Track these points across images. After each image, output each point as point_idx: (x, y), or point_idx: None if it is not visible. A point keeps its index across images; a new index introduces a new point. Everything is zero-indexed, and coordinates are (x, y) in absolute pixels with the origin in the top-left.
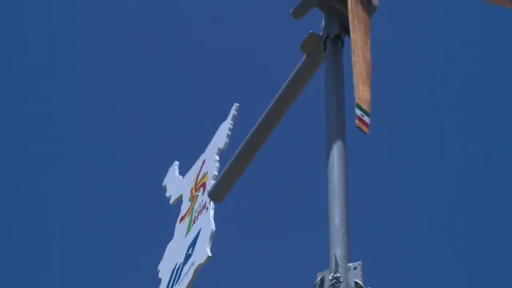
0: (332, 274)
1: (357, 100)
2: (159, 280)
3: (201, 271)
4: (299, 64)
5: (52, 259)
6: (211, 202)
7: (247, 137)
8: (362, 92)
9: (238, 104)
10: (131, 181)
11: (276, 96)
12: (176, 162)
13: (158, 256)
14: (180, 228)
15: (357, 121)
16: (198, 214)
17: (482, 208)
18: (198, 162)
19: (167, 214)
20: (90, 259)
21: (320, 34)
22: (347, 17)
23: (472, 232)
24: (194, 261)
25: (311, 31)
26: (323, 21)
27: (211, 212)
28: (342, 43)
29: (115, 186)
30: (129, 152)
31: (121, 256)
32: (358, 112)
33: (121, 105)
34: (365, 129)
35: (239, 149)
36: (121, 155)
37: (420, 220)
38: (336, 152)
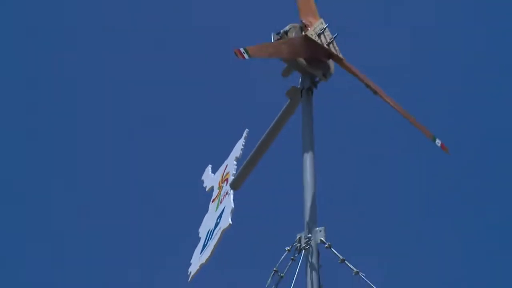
0: (306, 234)
1: (248, 47)
2: (199, 239)
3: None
4: (285, 105)
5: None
6: (231, 190)
7: (254, 149)
8: (257, 51)
9: (248, 130)
10: (184, 177)
11: (271, 124)
12: (210, 165)
13: (199, 223)
14: (212, 206)
15: (235, 50)
16: (223, 197)
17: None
18: (223, 165)
19: (204, 197)
20: (159, 230)
21: (298, 86)
22: (316, 77)
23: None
24: (220, 227)
25: (293, 85)
26: (300, 79)
27: (231, 196)
28: (312, 92)
29: (174, 181)
30: (183, 160)
31: (176, 223)
32: (242, 49)
33: (180, 131)
34: (238, 52)
35: (248, 157)
36: (179, 163)
37: (364, 201)
38: (308, 159)
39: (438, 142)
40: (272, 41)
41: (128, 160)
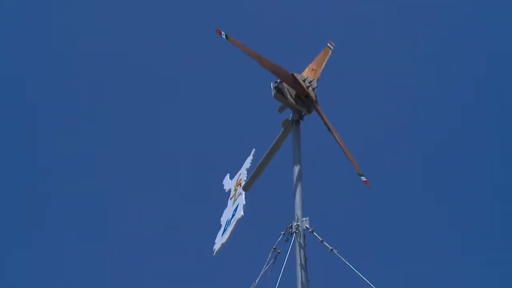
0: (296, 223)
1: (231, 37)
2: (221, 225)
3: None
4: (280, 132)
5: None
6: (243, 191)
7: (258, 163)
8: (237, 44)
9: (255, 149)
10: (211, 181)
11: (271, 145)
12: (228, 174)
13: (220, 214)
14: (230, 202)
15: (217, 30)
16: (238, 196)
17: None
18: (238, 173)
19: (224, 196)
20: (194, 218)
21: (290, 118)
22: (302, 112)
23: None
24: (236, 217)
25: (286, 118)
26: (291, 113)
27: (243, 195)
28: (299, 123)
29: (205, 184)
30: (211, 170)
31: (204, 215)
32: (223, 33)
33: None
34: (218, 32)
35: (255, 168)
36: (209, 172)
37: (337, 199)
38: (297, 169)
39: (363, 178)
40: (271, 88)
41: (175, 169)
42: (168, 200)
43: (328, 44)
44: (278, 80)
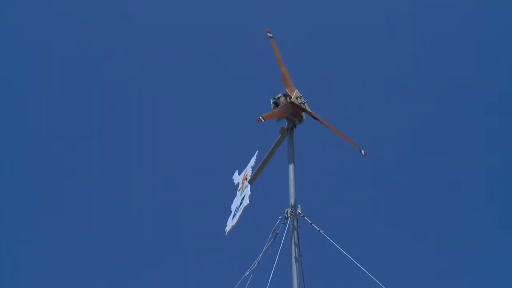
0: (290, 209)
1: (276, 47)
2: (231, 211)
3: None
4: (278, 137)
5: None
6: (249, 184)
7: (261, 161)
8: (279, 57)
9: (258, 151)
10: (224, 177)
11: (270, 148)
12: (237, 170)
13: (231, 202)
14: (238, 193)
15: (267, 30)
16: (244, 188)
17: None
18: (244, 170)
19: (233, 188)
20: (210, 205)
21: (286, 127)
22: (295, 121)
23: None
24: (243, 205)
25: (282, 126)
26: (287, 123)
27: (249, 187)
28: (293, 130)
29: (220, 179)
30: (224, 168)
31: (219, 202)
32: (270, 34)
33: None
34: (268, 31)
35: (258, 165)
36: (222, 170)
37: (323, 190)
38: (291, 167)
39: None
40: (271, 103)
41: (196, 166)
42: (190, 191)
43: (364, 152)
44: (276, 97)
